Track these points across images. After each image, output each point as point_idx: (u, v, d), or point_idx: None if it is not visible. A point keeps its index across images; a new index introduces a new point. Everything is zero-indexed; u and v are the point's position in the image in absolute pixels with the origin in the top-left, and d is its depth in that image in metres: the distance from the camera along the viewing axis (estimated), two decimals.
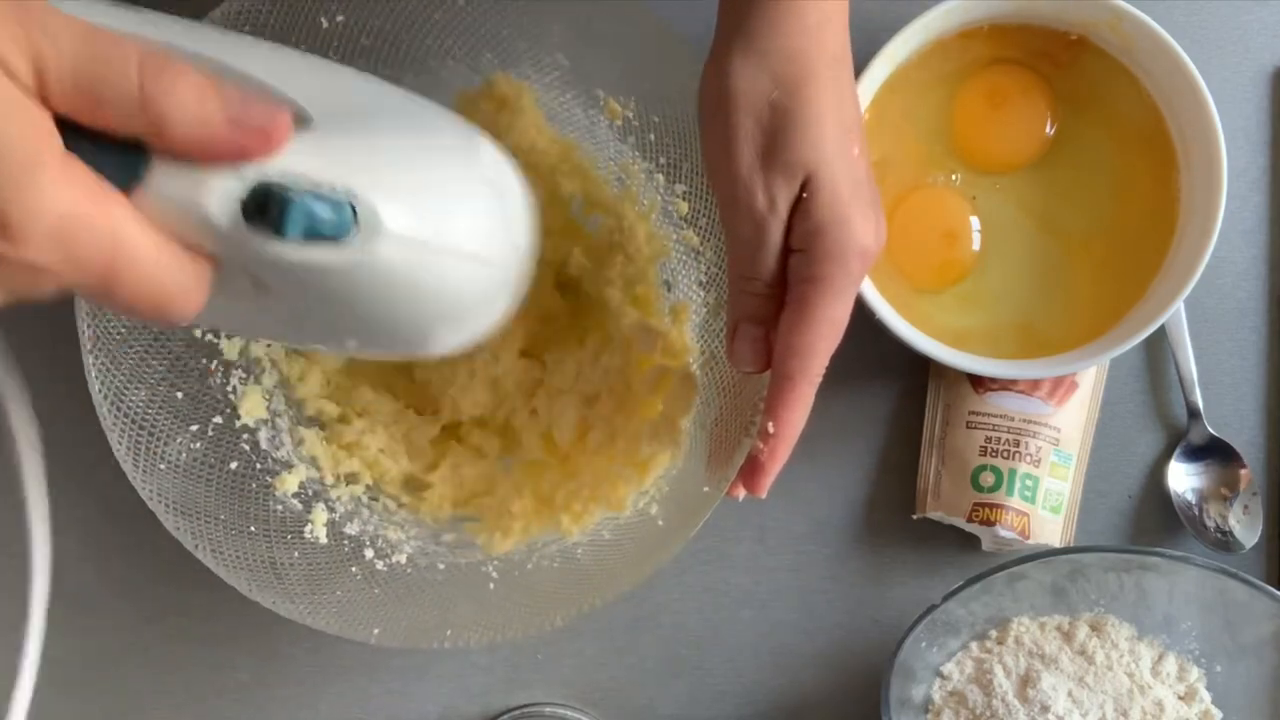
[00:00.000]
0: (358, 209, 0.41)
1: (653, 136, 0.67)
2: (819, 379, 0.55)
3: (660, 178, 0.68)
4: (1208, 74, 0.66)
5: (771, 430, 0.55)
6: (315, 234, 0.40)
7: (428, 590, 0.66)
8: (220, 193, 0.40)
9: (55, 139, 0.37)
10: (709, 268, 0.67)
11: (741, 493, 0.60)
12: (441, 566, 0.67)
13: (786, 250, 0.54)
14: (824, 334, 0.54)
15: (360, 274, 0.42)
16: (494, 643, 0.64)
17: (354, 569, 0.66)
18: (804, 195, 0.53)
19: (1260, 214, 0.73)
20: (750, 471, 0.58)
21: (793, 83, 0.53)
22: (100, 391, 0.62)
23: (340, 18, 0.63)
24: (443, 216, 0.43)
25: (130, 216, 0.38)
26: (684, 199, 0.67)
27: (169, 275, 0.40)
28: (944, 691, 0.69)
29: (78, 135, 0.37)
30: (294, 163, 0.41)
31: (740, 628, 0.73)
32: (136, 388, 0.63)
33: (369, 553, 0.67)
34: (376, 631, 0.63)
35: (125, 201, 0.38)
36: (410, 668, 0.73)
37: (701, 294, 0.68)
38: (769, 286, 0.55)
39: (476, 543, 0.68)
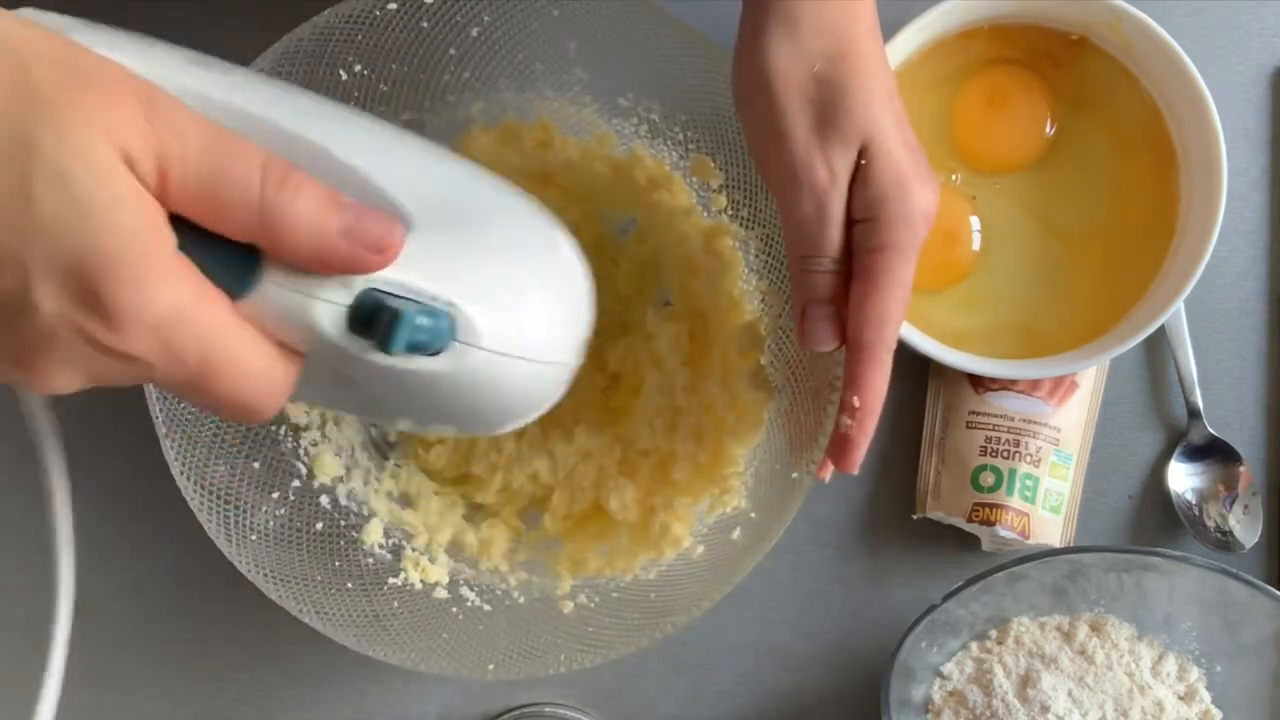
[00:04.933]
0: (457, 321, 0.42)
1: (681, 135, 0.67)
2: (895, 344, 0.55)
3: (695, 176, 0.68)
4: (1208, 74, 0.66)
5: (857, 404, 0.55)
6: (416, 346, 0.41)
7: (530, 620, 0.66)
8: (328, 302, 0.40)
9: (169, 237, 0.37)
10: (757, 254, 0.67)
11: (829, 473, 0.60)
12: (537, 596, 0.67)
13: (848, 222, 0.54)
14: (898, 299, 0.54)
15: (449, 380, 0.43)
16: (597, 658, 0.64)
17: (455, 610, 0.66)
18: (862, 163, 0.53)
19: (1260, 214, 0.73)
20: (840, 449, 0.57)
21: (835, 55, 0.53)
22: (183, 472, 0.62)
23: (359, 68, 0.64)
24: (532, 325, 0.45)
25: (232, 318, 0.39)
26: (720, 191, 0.67)
27: (262, 375, 0.40)
28: (944, 691, 0.69)
29: (192, 234, 0.38)
30: (398, 272, 0.41)
31: (740, 628, 0.73)
32: (216, 462, 0.63)
33: (465, 591, 0.67)
34: (491, 668, 0.64)
35: (229, 303, 0.39)
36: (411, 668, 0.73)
37: (755, 280, 0.68)
38: (835, 262, 0.54)
39: (563, 571, 0.68)
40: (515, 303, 0.45)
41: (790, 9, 0.53)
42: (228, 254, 0.39)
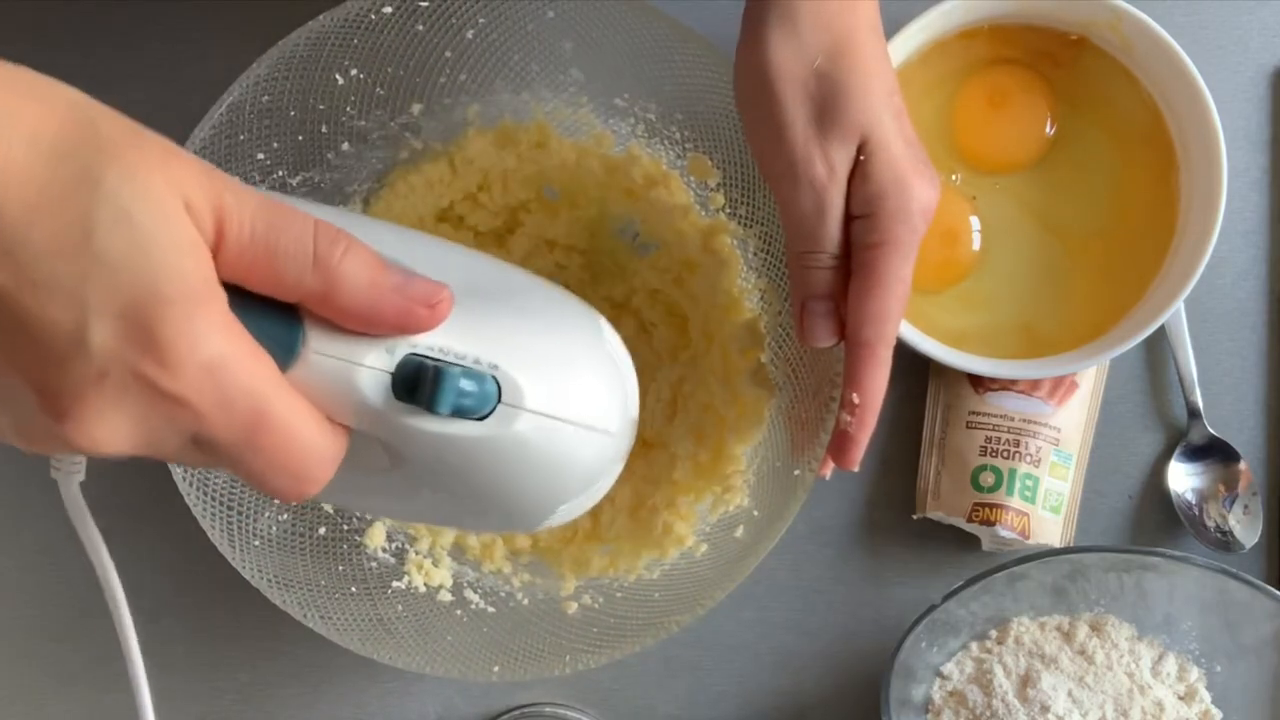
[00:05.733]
0: (501, 384, 0.42)
1: (678, 134, 0.67)
2: (894, 341, 0.55)
3: (693, 175, 0.68)
4: (1208, 74, 0.66)
5: (856, 400, 0.55)
6: (462, 409, 0.41)
7: (535, 622, 0.66)
8: (372, 366, 0.40)
9: (221, 293, 0.37)
10: (756, 252, 0.67)
11: (830, 470, 0.60)
12: (541, 597, 0.67)
13: (847, 217, 0.54)
14: (897, 295, 0.54)
15: (496, 447, 0.42)
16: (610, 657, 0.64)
17: (459, 612, 0.66)
18: (861, 158, 0.53)
19: (1260, 214, 0.73)
20: (840, 446, 0.57)
21: (836, 50, 0.53)
22: (185, 479, 0.62)
23: (355, 72, 0.64)
24: (576, 392, 0.44)
25: (283, 381, 0.39)
26: (718, 190, 0.67)
27: (313, 440, 0.39)
28: (944, 691, 0.69)
29: (237, 304, 0.38)
30: (440, 339, 0.41)
31: (740, 628, 0.73)
32: (217, 470, 0.63)
33: (469, 593, 0.67)
34: (496, 669, 0.64)
35: (277, 369, 0.39)
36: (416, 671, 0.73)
37: (754, 278, 0.68)
38: (834, 258, 0.54)
39: (567, 572, 0.68)
40: (559, 369, 0.44)
41: (791, 5, 0.53)
42: (272, 324, 0.39)
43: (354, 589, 0.65)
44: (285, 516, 0.65)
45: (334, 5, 0.62)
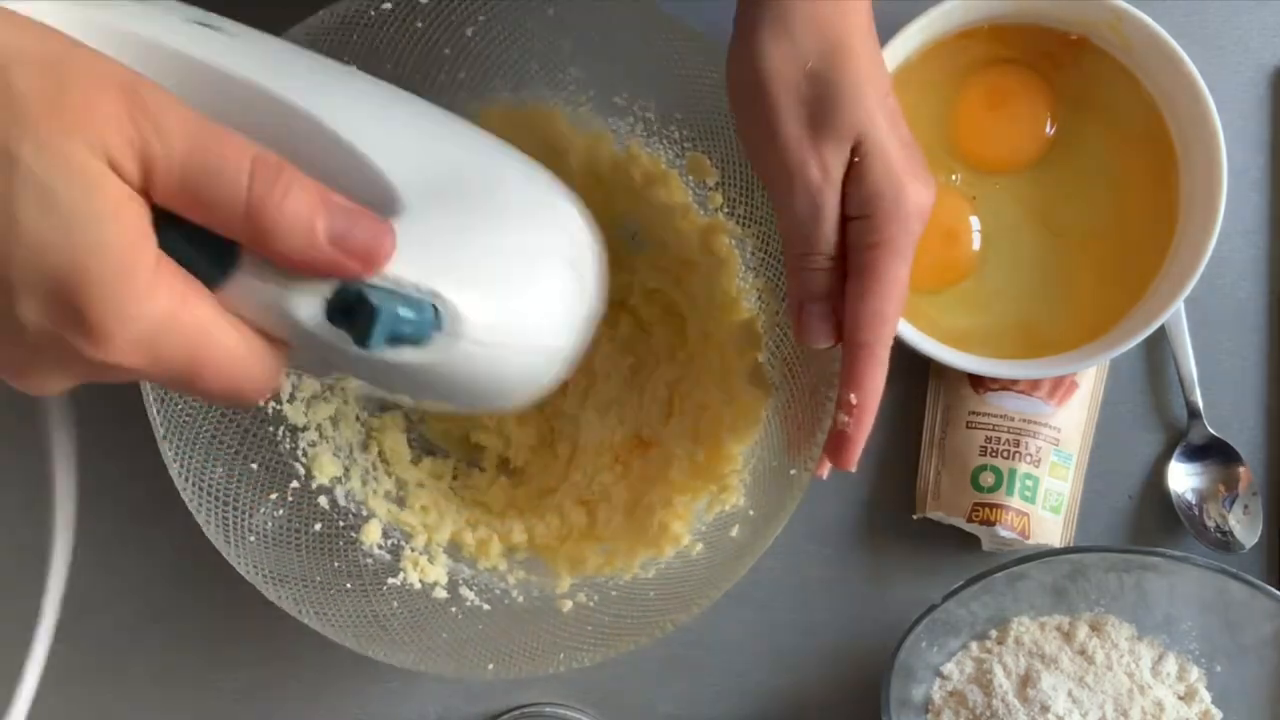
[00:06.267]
0: (441, 312, 0.40)
1: (677, 133, 0.67)
2: (891, 342, 0.55)
3: (691, 174, 0.68)
4: (1208, 74, 0.66)
5: (854, 401, 0.55)
6: (398, 337, 0.40)
7: (530, 619, 0.66)
8: (306, 295, 0.39)
9: (151, 241, 0.37)
10: (754, 252, 0.67)
11: (827, 470, 0.60)
12: (536, 595, 0.67)
13: (843, 219, 0.54)
14: (894, 296, 0.54)
15: (437, 367, 0.41)
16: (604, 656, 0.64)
17: (454, 609, 0.66)
18: (855, 160, 0.53)
19: (1260, 214, 0.73)
20: (837, 446, 0.57)
21: (828, 51, 0.53)
22: (181, 474, 0.63)
23: (353, 69, 0.64)
24: (522, 311, 0.43)
25: (215, 313, 0.38)
26: (717, 189, 0.67)
27: (249, 364, 0.40)
28: (944, 691, 0.69)
29: (171, 225, 0.37)
30: None
31: (740, 628, 0.73)
32: (214, 466, 0.63)
33: (465, 590, 0.67)
34: (491, 667, 0.64)
35: (211, 297, 0.38)
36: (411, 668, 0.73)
37: (751, 278, 0.68)
38: (831, 260, 0.54)
39: (562, 570, 0.68)
40: (508, 287, 0.43)
41: (784, 7, 0.53)
42: (206, 244, 0.38)
43: (349, 585, 0.65)
44: (281, 512, 0.65)
45: (332, 1, 0.62)
